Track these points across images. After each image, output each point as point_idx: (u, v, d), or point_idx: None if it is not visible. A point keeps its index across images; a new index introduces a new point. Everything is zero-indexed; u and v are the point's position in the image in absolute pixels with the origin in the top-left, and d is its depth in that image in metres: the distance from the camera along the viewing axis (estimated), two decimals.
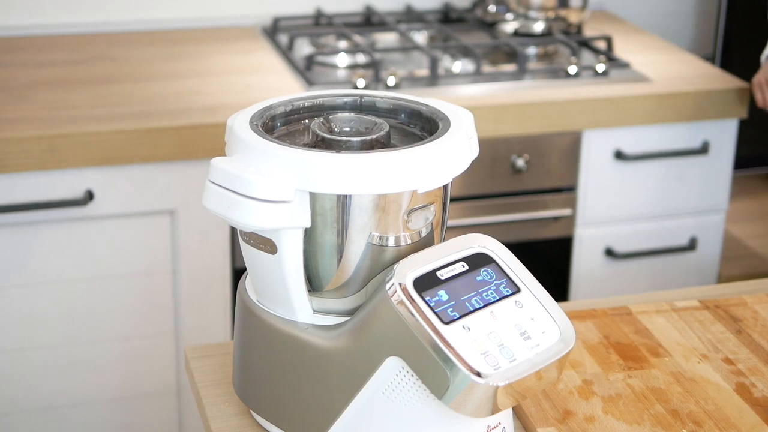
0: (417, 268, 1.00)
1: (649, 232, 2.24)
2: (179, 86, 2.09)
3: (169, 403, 2.07)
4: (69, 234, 1.93)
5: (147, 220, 1.96)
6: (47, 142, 1.86)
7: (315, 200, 0.99)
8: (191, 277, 2.00)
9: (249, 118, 1.05)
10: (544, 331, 1.01)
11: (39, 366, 1.98)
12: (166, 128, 1.91)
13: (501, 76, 2.19)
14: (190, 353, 1.26)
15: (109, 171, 1.91)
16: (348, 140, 1.03)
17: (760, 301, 1.37)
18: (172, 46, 2.33)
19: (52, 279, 1.95)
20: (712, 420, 1.14)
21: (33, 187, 1.88)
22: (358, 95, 1.13)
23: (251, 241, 1.03)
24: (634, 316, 1.33)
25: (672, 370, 1.22)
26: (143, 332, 2.02)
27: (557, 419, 1.13)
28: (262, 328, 1.07)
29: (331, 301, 1.04)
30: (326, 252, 1.02)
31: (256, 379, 1.10)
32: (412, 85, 2.12)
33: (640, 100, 2.13)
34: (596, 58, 2.29)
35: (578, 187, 2.17)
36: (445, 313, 0.98)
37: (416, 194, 1.01)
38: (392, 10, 2.58)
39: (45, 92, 2.04)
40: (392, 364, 1.00)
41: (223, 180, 0.99)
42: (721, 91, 2.17)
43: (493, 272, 1.03)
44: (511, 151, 2.10)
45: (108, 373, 2.02)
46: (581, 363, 1.23)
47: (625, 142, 2.15)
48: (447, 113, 1.08)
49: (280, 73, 2.19)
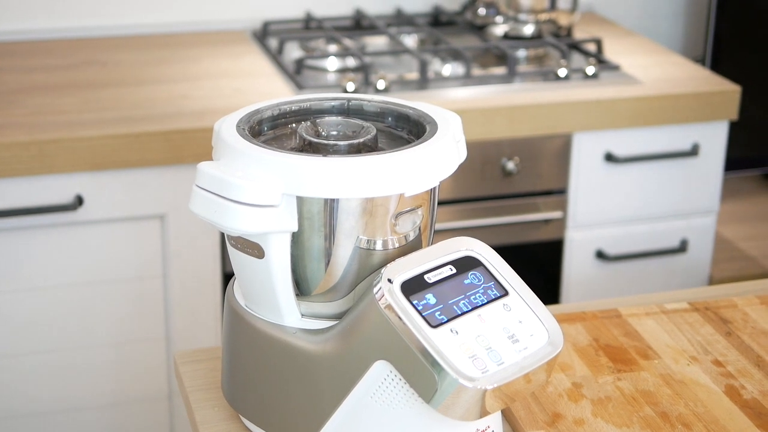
0: (405, 272, 1.00)
1: (639, 234, 2.25)
2: (169, 91, 2.09)
3: (160, 407, 2.06)
4: (59, 239, 1.92)
5: (137, 224, 1.96)
6: (36, 147, 1.85)
7: (302, 204, 0.99)
8: (182, 282, 2.00)
9: (236, 123, 1.05)
10: (532, 334, 1.01)
11: (29, 371, 1.98)
12: (156, 133, 1.91)
13: (491, 79, 2.19)
14: (179, 358, 1.25)
15: (98, 176, 1.90)
16: (335, 144, 1.03)
17: (750, 303, 1.37)
18: (161, 51, 2.33)
19: (42, 284, 1.94)
20: (701, 422, 1.14)
21: (22, 193, 1.88)
22: (345, 99, 1.13)
23: (238, 246, 1.03)
24: (624, 318, 1.33)
25: (661, 372, 1.22)
26: (134, 337, 2.02)
27: (546, 422, 1.13)
28: (250, 333, 1.07)
29: (319, 305, 1.04)
30: (314, 256, 1.02)
31: (244, 383, 1.09)
32: (402, 89, 2.12)
33: (631, 103, 2.13)
34: (586, 60, 2.29)
35: (569, 189, 2.17)
36: (432, 316, 0.98)
37: (403, 198, 1.01)
38: (382, 14, 2.58)
39: (34, 97, 2.04)
40: (380, 368, 0.99)
41: (210, 184, 0.98)
42: (711, 93, 2.17)
43: (481, 275, 1.03)
44: (502, 153, 2.10)
45: (99, 378, 2.02)
46: (571, 366, 1.23)
47: (616, 145, 2.16)
48: (434, 116, 1.08)
49: (269, 77, 2.19)
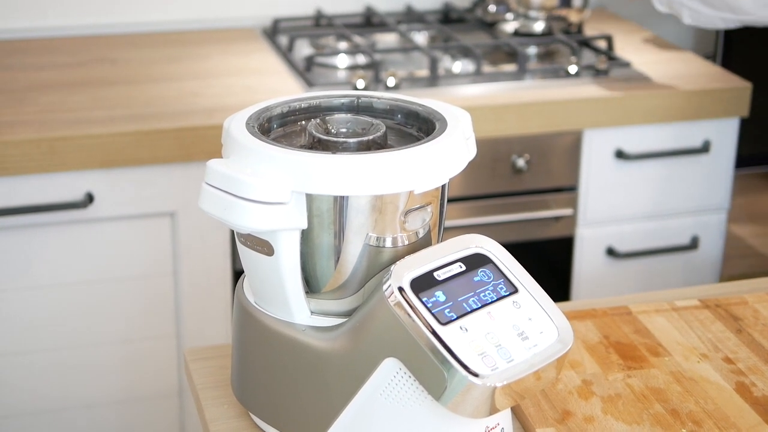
0: (414, 269, 1.00)
1: (650, 231, 2.24)
2: (179, 88, 2.09)
3: (170, 405, 2.07)
4: (69, 237, 1.93)
5: (147, 222, 1.96)
6: (47, 145, 1.86)
7: (311, 202, 0.99)
8: (192, 279, 2.00)
9: (245, 120, 1.05)
10: (542, 331, 1.01)
11: (40, 369, 1.98)
12: (167, 130, 1.91)
13: (501, 76, 2.18)
14: (189, 356, 1.26)
15: (109, 173, 1.91)
16: (344, 141, 1.03)
17: (761, 300, 1.37)
18: (171, 48, 2.33)
19: (53, 282, 1.95)
20: (711, 419, 1.13)
21: (33, 190, 1.88)
22: (354, 96, 1.13)
23: (248, 243, 1.03)
24: (634, 315, 1.32)
25: (672, 369, 1.22)
26: (144, 335, 2.02)
27: (556, 419, 1.13)
28: (260, 330, 1.07)
29: (329, 302, 1.04)
30: (323, 253, 1.02)
31: (254, 381, 1.09)
32: (412, 86, 2.12)
33: (641, 100, 2.12)
34: (597, 57, 2.28)
35: (579, 186, 2.16)
36: (442, 313, 0.98)
37: (413, 195, 1.01)
38: (392, 11, 2.58)
39: (45, 95, 2.04)
40: (390, 366, 0.99)
41: (220, 182, 0.99)
42: (722, 90, 2.17)
43: (491, 273, 1.03)
44: (512, 151, 2.10)
45: (109, 376, 2.02)
46: (581, 363, 1.23)
47: (626, 142, 2.15)
48: (444, 114, 1.08)
49: (280, 74, 2.19)
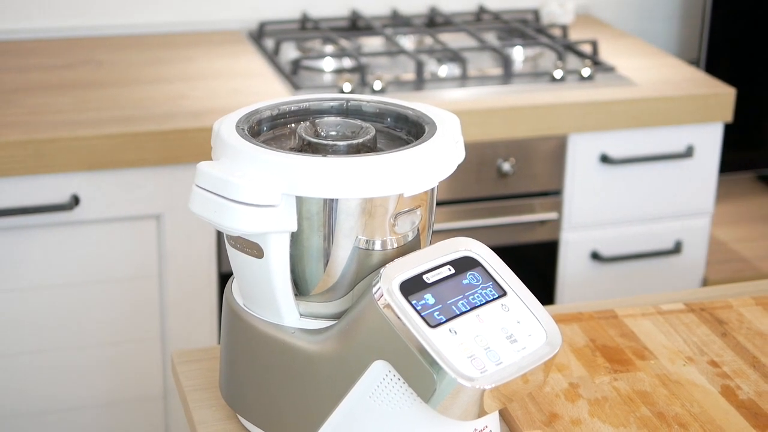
0: (403, 272, 1.00)
1: (634, 235, 2.25)
2: (165, 91, 2.09)
3: (156, 407, 2.06)
4: (55, 239, 1.92)
5: (133, 224, 1.96)
6: (33, 147, 1.85)
7: (301, 204, 0.99)
8: (177, 282, 2.00)
9: (235, 123, 1.05)
10: (531, 334, 1.01)
11: (24, 371, 1.98)
12: (153, 133, 1.91)
13: (487, 81, 2.19)
14: (176, 358, 1.25)
15: (95, 175, 1.90)
16: (334, 144, 1.03)
17: (745, 303, 1.38)
18: (158, 51, 2.33)
19: (38, 284, 1.94)
20: (697, 422, 1.14)
21: (19, 192, 1.87)
22: (344, 99, 1.14)
23: (238, 246, 1.03)
24: (620, 319, 1.33)
25: (658, 372, 1.23)
26: (130, 337, 2.02)
27: (543, 422, 1.13)
28: (249, 333, 1.07)
29: (318, 305, 1.05)
30: (313, 256, 1.02)
31: (243, 383, 1.10)
32: (398, 90, 2.12)
33: (626, 104, 2.13)
34: (582, 62, 2.29)
35: (564, 190, 2.17)
36: (431, 316, 0.98)
37: (402, 198, 1.01)
38: (378, 15, 2.58)
39: (31, 97, 2.04)
40: (379, 368, 1.00)
41: (210, 184, 0.99)
42: (706, 95, 2.18)
43: (480, 276, 1.03)
44: (498, 154, 2.11)
45: (95, 378, 2.02)
46: (567, 366, 1.23)
47: (611, 146, 2.16)
48: (433, 117, 1.08)
49: (266, 77, 2.19)
